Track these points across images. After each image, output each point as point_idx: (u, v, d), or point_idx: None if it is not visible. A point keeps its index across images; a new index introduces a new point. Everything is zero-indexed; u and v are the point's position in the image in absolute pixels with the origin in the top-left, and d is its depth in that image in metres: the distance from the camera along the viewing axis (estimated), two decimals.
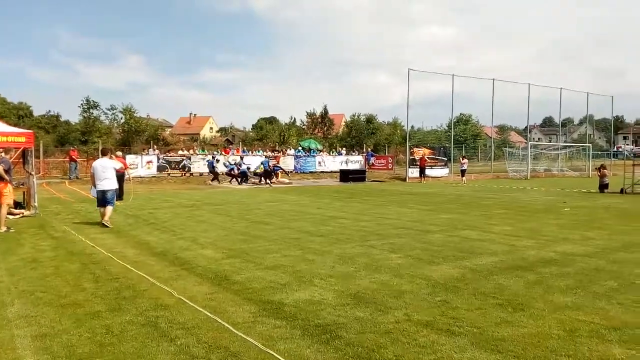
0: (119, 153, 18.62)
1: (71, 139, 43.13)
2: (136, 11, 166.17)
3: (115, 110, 47.58)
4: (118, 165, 11.50)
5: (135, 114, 47.01)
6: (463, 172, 29.40)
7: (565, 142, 46.12)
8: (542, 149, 40.54)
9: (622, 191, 19.87)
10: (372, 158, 38.36)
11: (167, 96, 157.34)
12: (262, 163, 27.21)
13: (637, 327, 4.21)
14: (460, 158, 31.94)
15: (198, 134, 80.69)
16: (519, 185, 26.47)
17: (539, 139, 77.63)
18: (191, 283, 5.86)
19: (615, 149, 56.30)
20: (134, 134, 44.97)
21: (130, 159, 27.45)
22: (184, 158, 30.48)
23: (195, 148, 38.22)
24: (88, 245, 8.46)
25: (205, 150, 35.44)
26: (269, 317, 4.57)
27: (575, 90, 42.06)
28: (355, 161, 36.49)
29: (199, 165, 30.50)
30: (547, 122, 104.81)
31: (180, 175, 29.37)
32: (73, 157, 27.44)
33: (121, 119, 47.38)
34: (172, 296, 5.27)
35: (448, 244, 8.30)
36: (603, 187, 20.76)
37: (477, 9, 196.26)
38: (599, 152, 49.28)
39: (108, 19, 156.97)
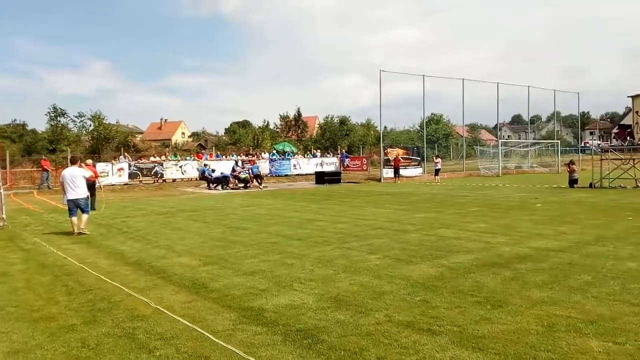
0: (89, 161, 18.21)
1: (38, 148, 42.12)
2: (100, 16, 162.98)
3: (83, 118, 46.75)
4: (88, 173, 11.34)
5: (104, 121, 46.16)
6: (437, 172, 29.73)
7: (534, 139, 47.21)
8: (512, 147, 41.31)
9: (591, 186, 20.40)
10: (347, 159, 38.49)
11: (137, 102, 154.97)
12: (251, 168, 27.61)
13: (612, 320, 4.30)
14: (434, 157, 32.32)
15: (170, 139, 79.67)
16: (491, 182, 26.92)
17: (508, 136, 79.28)
18: (168, 292, 5.75)
19: (582, 145, 57.80)
20: (104, 141, 44.12)
21: (100, 166, 26.90)
22: (156, 164, 30.03)
23: (168, 154, 37.68)
24: (60, 256, 8.24)
25: (178, 156, 34.97)
26: (249, 324, 4.52)
27: (542, 88, 42.94)
28: (330, 163, 36.57)
29: (171, 171, 30.11)
30: (516, 120, 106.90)
31: (152, 182, 28.92)
32: (45, 166, 26.74)
33: (90, 126, 46.50)
34: (148, 306, 5.16)
35: (425, 243, 8.37)
36: (573, 182, 21.28)
37: (443, 10, 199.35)
38: (567, 148, 50.55)
39: (70, 25, 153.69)
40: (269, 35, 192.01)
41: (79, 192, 10.67)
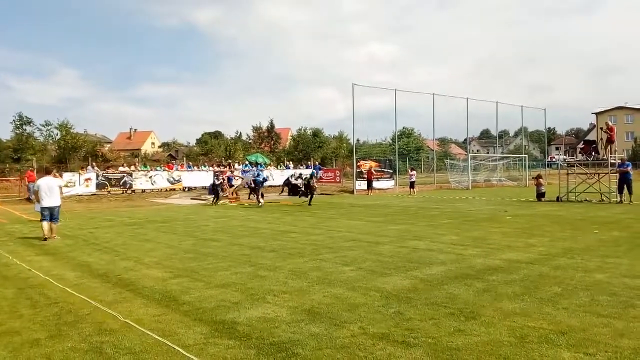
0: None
1: (2, 157, 40.78)
2: (69, 24, 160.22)
3: (50, 126, 45.57)
4: (62, 183, 11.62)
5: (71, 130, 45.12)
6: (412, 184, 30.02)
7: (502, 153, 48.14)
8: (481, 160, 42.10)
9: (558, 199, 20.90)
10: (320, 171, 38.53)
11: (105, 111, 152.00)
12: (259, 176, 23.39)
13: (583, 331, 4.37)
14: (409, 170, 32.68)
15: (139, 149, 78.44)
16: (462, 195, 27.33)
17: (477, 150, 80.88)
18: (137, 305, 5.59)
19: (549, 159, 59.34)
20: (71, 151, 43.08)
21: (67, 176, 26.23)
22: (125, 175, 29.44)
23: (137, 164, 37.01)
24: (24, 268, 7.94)
25: (148, 166, 34.36)
26: (221, 338, 4.42)
27: (510, 104, 44.08)
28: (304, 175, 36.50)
29: (141, 181, 29.56)
30: (485, 135, 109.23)
31: (121, 192, 28.33)
32: (31, 178, 25.06)
33: (57, 135, 45.36)
34: (117, 320, 5.00)
35: (398, 255, 8.39)
36: (540, 195, 21.76)
37: (415, 27, 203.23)
38: (534, 162, 51.84)
39: (38, 32, 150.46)
40: (243, 46, 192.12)
41: (54, 200, 11.36)
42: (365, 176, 31.41)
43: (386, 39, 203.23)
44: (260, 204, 21.04)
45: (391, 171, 35.85)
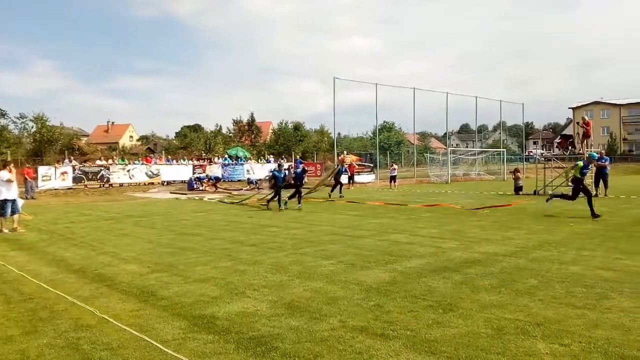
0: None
1: None
2: (45, 14, 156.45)
3: (25, 119, 44.63)
4: (13, 177, 11.76)
5: (47, 123, 44.22)
6: (393, 178, 30.17)
7: (481, 147, 48.83)
8: (460, 155, 42.56)
9: (535, 193, 21.23)
10: (301, 165, 38.49)
11: (83, 104, 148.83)
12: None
13: (558, 322, 4.45)
14: (392, 164, 32.90)
15: (117, 142, 77.27)
16: (441, 189, 27.58)
17: (457, 144, 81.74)
18: (114, 300, 5.52)
19: (526, 153, 60.30)
20: (47, 144, 42.25)
21: (43, 170, 25.74)
22: (103, 168, 29.00)
23: (115, 157, 36.48)
24: None
25: (126, 160, 33.88)
26: (200, 332, 4.39)
27: (489, 98, 44.61)
28: (284, 169, 36.41)
29: (118, 175, 29.15)
30: (465, 129, 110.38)
31: (98, 186, 27.90)
32: (27, 175, 23.70)
33: (32, 127, 44.45)
34: (94, 315, 4.93)
35: (378, 248, 8.44)
36: (518, 189, 22.08)
37: (397, 21, 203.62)
38: (512, 157, 52.55)
39: (13, 22, 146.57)
40: (225, 38, 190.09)
41: (13, 193, 11.64)
42: (347, 170, 31.45)
43: (369, 32, 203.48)
44: (298, 206, 16.56)
45: (372, 165, 36.00)
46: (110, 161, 32.27)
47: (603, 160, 19.65)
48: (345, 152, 33.75)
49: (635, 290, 5.46)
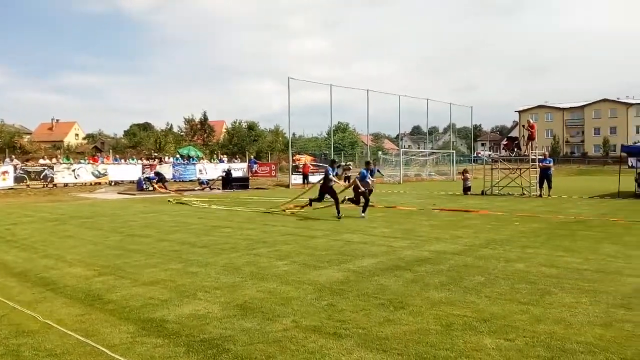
0: None
1: None
2: None
3: None
4: None
5: None
6: (347, 179, 30.37)
7: (432, 149, 49.94)
8: (412, 156, 43.44)
9: (482, 193, 21.94)
10: (255, 165, 38.22)
11: (25, 101, 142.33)
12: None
13: (503, 318, 4.60)
14: (346, 164, 33.19)
15: (62, 141, 74.23)
16: (394, 189, 28.05)
17: (409, 146, 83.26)
18: (58, 305, 5.29)
19: (475, 155, 62.21)
20: None
21: None
22: (46, 167, 27.77)
23: (59, 156, 35.02)
24: None
25: (71, 159, 32.59)
26: (149, 336, 4.27)
27: (440, 101, 45.77)
28: (238, 169, 36.05)
29: (63, 175, 28.01)
30: (416, 131, 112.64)
31: (42, 186, 26.71)
32: None
33: None
34: (36, 321, 4.71)
35: (332, 248, 8.48)
36: (466, 189, 22.74)
37: (353, 22, 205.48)
38: (461, 158, 54.04)
39: None
40: (177, 36, 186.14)
41: None
42: (301, 170, 31.51)
43: (324, 33, 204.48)
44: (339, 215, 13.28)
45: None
46: (54, 160, 30.97)
47: (547, 162, 20.52)
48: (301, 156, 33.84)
49: (576, 286, 5.72)
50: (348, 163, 31.83)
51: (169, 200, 20.35)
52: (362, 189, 13.73)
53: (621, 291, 5.47)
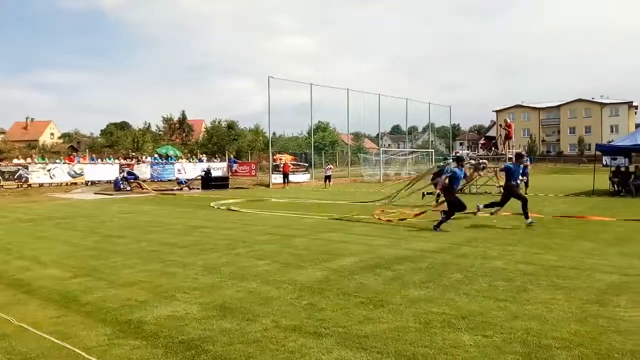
0: None
1: None
2: None
3: None
4: None
5: None
6: (328, 178, 30.54)
7: (411, 148, 50.37)
8: (392, 155, 43.73)
9: (460, 191, 22.16)
10: (235, 165, 38.00)
11: None
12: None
13: (481, 315, 4.66)
14: (327, 164, 33.38)
15: (37, 140, 72.81)
16: (374, 188, 28.16)
17: (389, 145, 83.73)
18: (33, 307, 5.19)
19: (453, 154, 62.86)
20: None
21: None
22: (20, 168, 27.18)
23: (34, 156, 34.32)
24: None
25: (46, 159, 31.97)
26: (127, 338, 4.21)
27: (419, 100, 46.16)
28: (217, 168, 35.79)
29: (38, 175, 27.45)
30: (396, 130, 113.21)
31: (16, 186, 26.14)
32: None
33: None
34: (10, 324, 4.61)
35: (312, 247, 8.48)
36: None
37: (335, 23, 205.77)
38: (440, 157, 54.57)
39: None
40: (157, 34, 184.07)
41: None
42: (282, 170, 31.45)
43: (306, 32, 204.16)
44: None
45: (307, 165, 36.17)
46: (29, 160, 30.32)
47: (524, 160, 20.85)
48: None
49: (552, 282, 5.82)
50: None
51: (212, 206, 17.38)
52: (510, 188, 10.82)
53: (595, 287, 5.59)
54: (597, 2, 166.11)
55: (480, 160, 13.47)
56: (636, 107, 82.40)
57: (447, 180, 10.76)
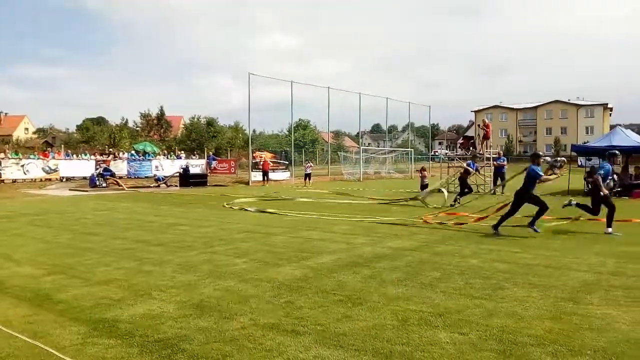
0: None
1: None
2: None
3: None
4: None
5: None
6: (308, 176, 30.52)
7: (391, 147, 50.69)
8: (372, 154, 43.92)
9: (439, 191, 22.36)
10: (214, 162, 37.68)
11: None
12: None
13: (458, 312, 4.71)
14: (306, 162, 33.32)
15: (10, 135, 71.16)
16: (354, 186, 28.26)
17: (369, 144, 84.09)
18: (5, 306, 5.06)
19: (432, 153, 63.44)
20: None
21: None
22: None
23: (7, 151, 33.49)
24: None
25: (20, 154, 31.23)
26: (101, 337, 4.13)
27: (399, 100, 46.43)
28: (196, 165, 35.43)
29: (11, 170, 26.82)
30: (376, 129, 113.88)
31: None
32: None
33: None
34: None
35: (291, 245, 8.46)
36: (423, 187, 23.08)
37: (317, 21, 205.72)
38: (419, 156, 55.13)
39: None
40: (137, 29, 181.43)
41: None
42: (261, 167, 31.32)
43: (288, 29, 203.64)
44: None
45: (287, 162, 36.08)
46: (1, 155, 29.55)
47: (501, 160, 21.14)
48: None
49: (527, 280, 5.91)
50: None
51: (224, 205, 16.21)
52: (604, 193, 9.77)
53: (569, 285, 5.69)
54: (575, 5, 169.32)
55: (558, 158, 11.99)
56: (611, 109, 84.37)
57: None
